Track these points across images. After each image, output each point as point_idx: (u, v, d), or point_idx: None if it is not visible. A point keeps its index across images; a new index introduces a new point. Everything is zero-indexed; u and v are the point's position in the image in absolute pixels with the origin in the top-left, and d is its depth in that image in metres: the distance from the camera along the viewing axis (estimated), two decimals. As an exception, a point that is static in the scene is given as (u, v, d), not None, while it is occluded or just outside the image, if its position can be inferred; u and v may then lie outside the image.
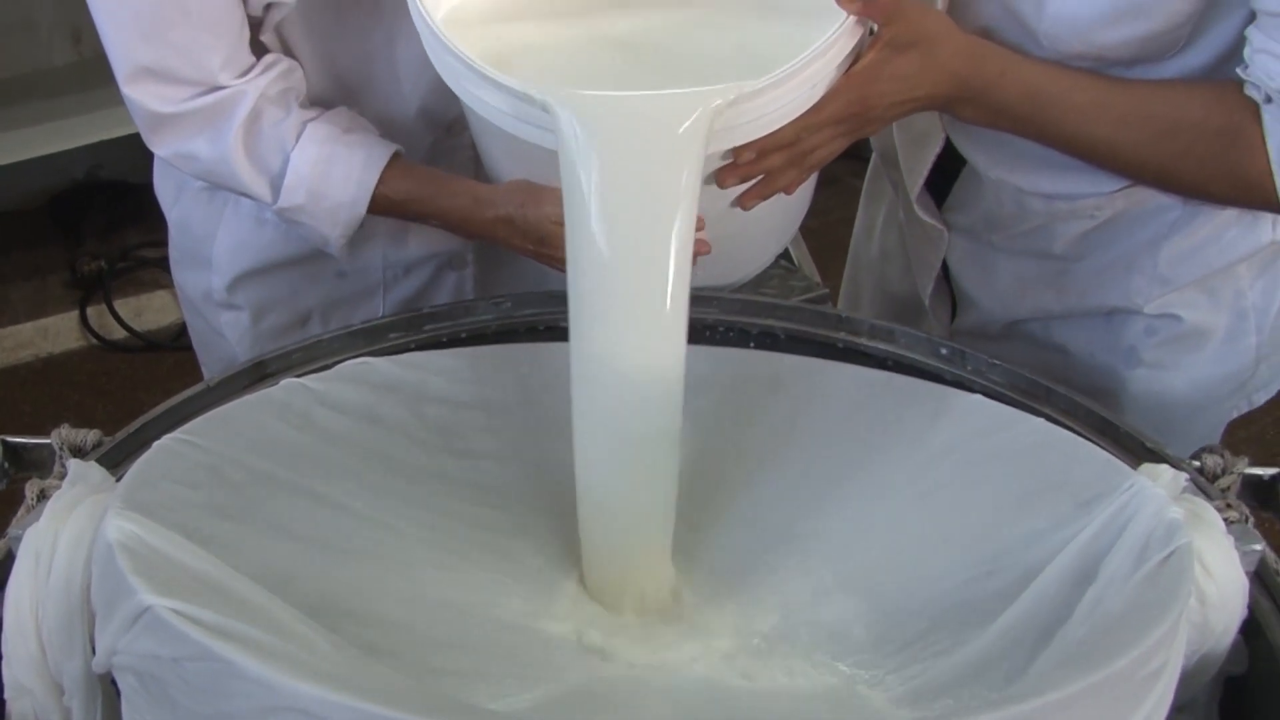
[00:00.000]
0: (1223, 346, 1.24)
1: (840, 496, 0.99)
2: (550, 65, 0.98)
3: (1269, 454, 2.67)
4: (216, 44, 1.10)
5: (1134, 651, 0.64)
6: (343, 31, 1.18)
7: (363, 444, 0.98)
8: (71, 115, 2.86)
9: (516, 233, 1.13)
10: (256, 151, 1.14)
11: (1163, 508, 0.79)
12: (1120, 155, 1.08)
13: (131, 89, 1.10)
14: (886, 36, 0.99)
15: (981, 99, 1.06)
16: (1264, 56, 0.99)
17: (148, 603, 0.67)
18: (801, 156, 1.01)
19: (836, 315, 1.18)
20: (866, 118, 1.02)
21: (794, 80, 0.91)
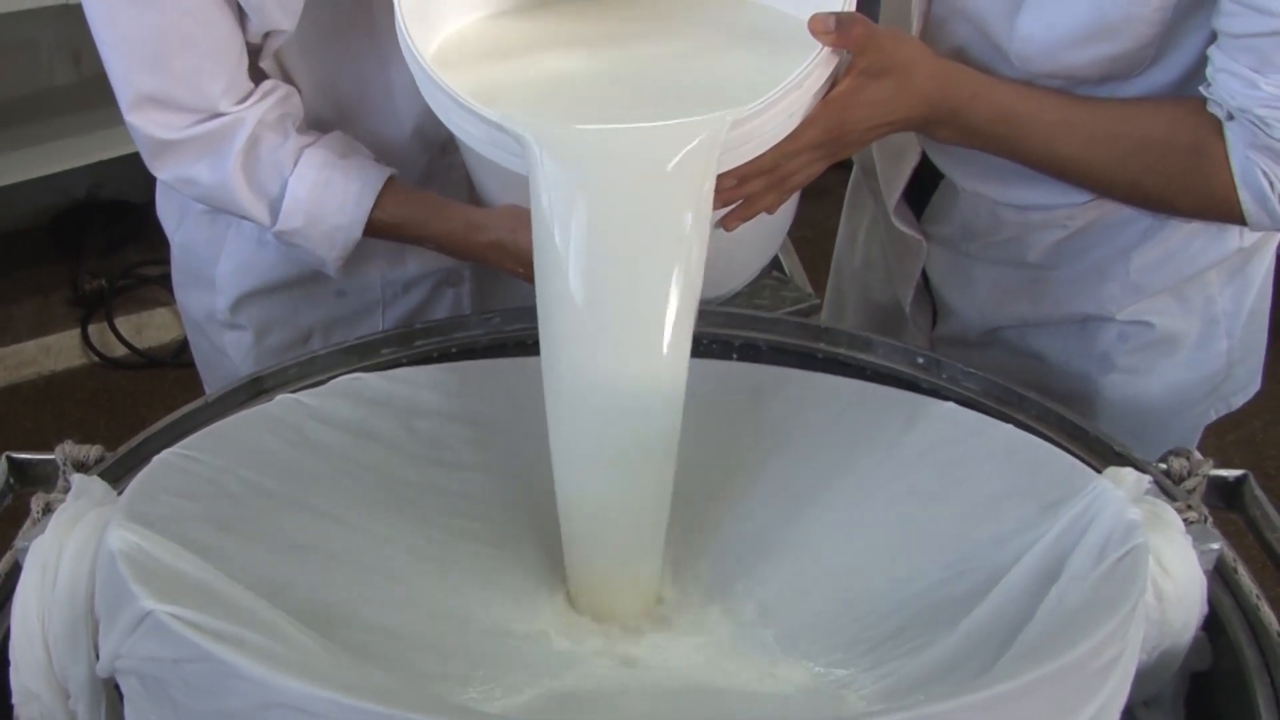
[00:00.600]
0: (1194, 351, 1.27)
1: (817, 502, 1.01)
2: (535, 97, 0.99)
3: (1257, 456, 2.72)
4: (217, 71, 1.12)
5: (1085, 645, 0.67)
6: (339, 55, 1.21)
7: (355, 457, 1.00)
8: (72, 135, 2.87)
9: (508, 256, 1.15)
10: (255, 176, 1.16)
11: (1122, 509, 0.82)
12: (1090, 172, 1.11)
13: (134, 116, 1.12)
14: (861, 65, 1.01)
15: (955, 121, 1.09)
16: (1225, 75, 1.01)
17: (149, 608, 0.70)
18: (781, 180, 1.03)
19: (816, 327, 1.21)
20: (844, 142, 1.04)
21: (771, 111, 0.93)
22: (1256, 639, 0.88)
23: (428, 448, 1.05)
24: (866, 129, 1.05)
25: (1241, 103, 1.01)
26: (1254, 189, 1.04)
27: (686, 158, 0.87)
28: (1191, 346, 1.27)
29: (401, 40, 0.97)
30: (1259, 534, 0.99)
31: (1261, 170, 1.03)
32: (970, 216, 1.25)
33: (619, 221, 0.88)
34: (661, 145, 0.88)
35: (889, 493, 0.99)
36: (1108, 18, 1.02)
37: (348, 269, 1.26)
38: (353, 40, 1.20)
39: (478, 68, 1.02)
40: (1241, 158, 1.03)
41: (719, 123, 0.88)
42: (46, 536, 0.81)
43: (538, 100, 0.98)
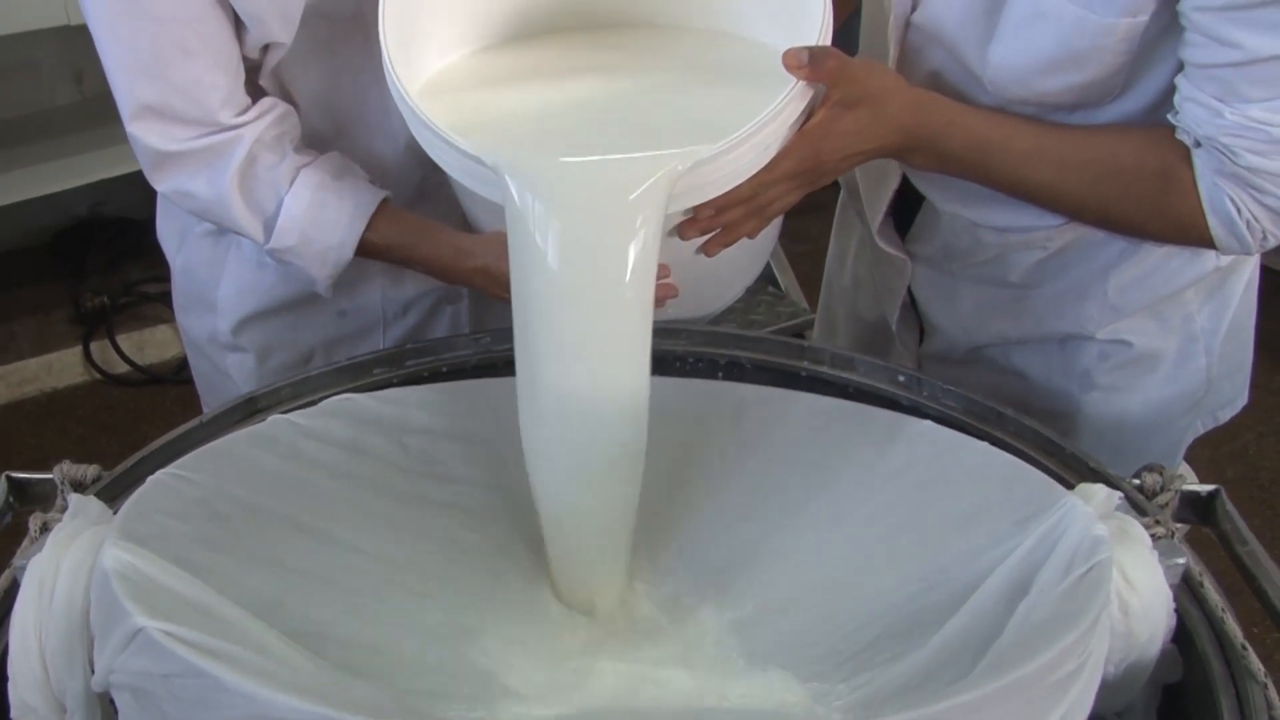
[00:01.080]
0: (1174, 369, 1.29)
1: (795, 518, 1.03)
2: (512, 130, 1.01)
3: (1251, 468, 2.73)
4: (216, 83, 1.14)
5: (1042, 658, 0.69)
6: (336, 70, 1.23)
7: (347, 475, 1.02)
8: (74, 154, 2.89)
9: (493, 282, 1.18)
10: (252, 194, 1.18)
11: (1089, 525, 0.84)
12: (1061, 198, 1.13)
13: (135, 127, 1.15)
14: (835, 96, 1.02)
15: (929, 148, 1.11)
16: (1191, 104, 1.03)
17: (140, 625, 0.72)
18: (760, 209, 1.05)
19: (800, 345, 1.22)
20: (820, 171, 1.05)
21: (747, 144, 0.95)
22: (1223, 651, 0.89)
23: (419, 463, 1.07)
24: (842, 158, 1.06)
25: (1207, 131, 1.03)
26: (1222, 215, 1.05)
27: (648, 189, 0.90)
28: (1171, 364, 1.28)
29: (386, 73, 1.00)
30: (1230, 548, 1.01)
31: (1229, 196, 1.04)
32: (951, 238, 1.27)
33: (584, 248, 0.92)
34: (627, 177, 0.91)
35: (866, 508, 1.01)
36: (1076, 47, 1.04)
37: (348, 290, 1.28)
38: (349, 55, 1.22)
39: (461, 101, 1.05)
40: (1209, 184, 1.05)
41: (686, 157, 0.91)
42: (44, 555, 0.83)
43: (515, 134, 1.00)
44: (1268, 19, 0.96)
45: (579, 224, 0.91)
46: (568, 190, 0.92)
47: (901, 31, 1.17)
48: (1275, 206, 1.04)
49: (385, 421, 1.07)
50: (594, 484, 0.97)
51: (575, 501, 0.97)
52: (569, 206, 0.91)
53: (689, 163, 0.91)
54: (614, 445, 0.96)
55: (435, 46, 1.11)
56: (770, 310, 2.75)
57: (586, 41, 1.16)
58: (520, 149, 0.95)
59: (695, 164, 0.91)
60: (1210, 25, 0.99)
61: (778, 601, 0.98)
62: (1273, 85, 0.99)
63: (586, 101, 1.05)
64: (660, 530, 1.03)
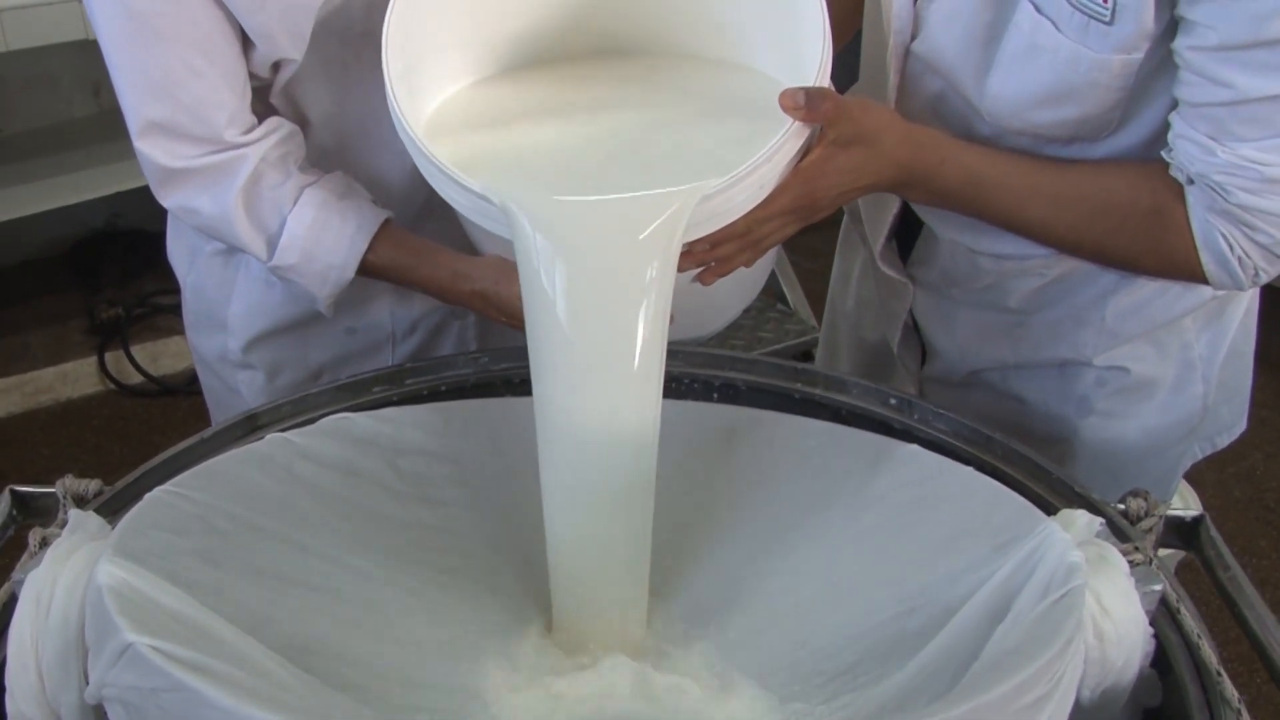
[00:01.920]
0: (1170, 395, 1.29)
1: (782, 540, 1.04)
2: (519, 166, 1.02)
3: (1257, 488, 2.73)
4: (223, 102, 1.16)
5: (1011, 682, 0.70)
6: (346, 87, 1.25)
7: (341, 495, 1.04)
8: (92, 166, 2.92)
9: (491, 306, 1.21)
10: (256, 212, 1.20)
11: (1065, 551, 0.85)
12: (1055, 233, 1.14)
13: (142, 143, 1.17)
14: (831, 135, 1.03)
15: (924, 185, 1.12)
16: (1184, 142, 1.04)
17: (130, 640, 0.74)
18: (754, 243, 1.06)
19: (793, 367, 1.24)
20: (816, 207, 1.06)
21: (741, 184, 0.96)
22: (1200, 676, 0.90)
23: (411, 485, 1.08)
24: (837, 194, 1.07)
25: (1200, 169, 1.03)
26: (1214, 251, 1.06)
27: (658, 228, 0.91)
28: (1168, 390, 1.29)
29: (391, 108, 1.00)
30: (1212, 573, 1.02)
31: (1221, 234, 1.05)
32: (950, 263, 1.28)
33: (595, 284, 0.93)
34: (634, 217, 0.92)
35: (851, 531, 1.02)
36: (1071, 82, 1.05)
37: (357, 308, 1.30)
38: (359, 72, 1.23)
39: (467, 135, 1.06)
40: (1201, 221, 1.06)
41: (690, 195, 0.92)
42: (41, 570, 0.85)
43: (521, 170, 1.01)
44: (1260, 60, 0.97)
45: (590, 265, 0.93)
46: (578, 230, 0.93)
47: (901, 59, 1.18)
48: (1267, 243, 1.05)
49: (380, 441, 1.09)
50: (608, 516, 0.99)
51: (588, 534, 0.99)
52: (579, 247, 0.93)
53: (696, 199, 0.92)
54: (628, 473, 0.97)
55: (439, 77, 1.12)
56: (778, 327, 2.77)
57: (587, 71, 1.18)
58: (526, 187, 0.96)
59: (692, 203, 0.93)
60: (1203, 64, 0.99)
61: (762, 622, 0.99)
62: (1265, 125, 1.00)
63: (589, 135, 1.06)
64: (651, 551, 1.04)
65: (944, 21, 1.12)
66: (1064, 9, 1.02)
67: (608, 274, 0.93)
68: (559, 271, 0.92)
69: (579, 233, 0.93)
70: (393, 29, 1.02)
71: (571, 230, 0.93)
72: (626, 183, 0.96)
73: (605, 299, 0.93)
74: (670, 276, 0.93)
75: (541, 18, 1.16)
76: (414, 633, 0.96)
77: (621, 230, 0.92)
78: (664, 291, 0.93)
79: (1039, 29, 1.04)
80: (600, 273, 0.93)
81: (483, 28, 1.13)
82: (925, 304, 1.36)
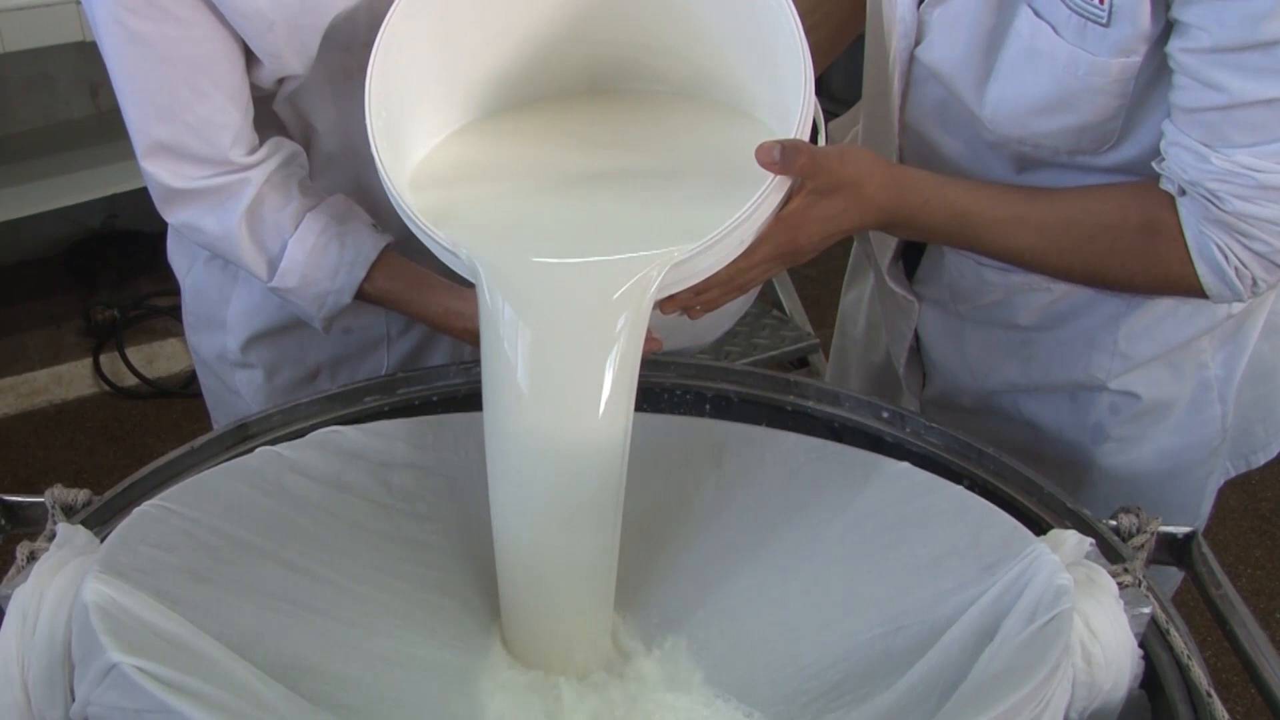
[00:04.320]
0: (1187, 417, 1.27)
1: (770, 557, 1.04)
2: (492, 221, 1.02)
3: (1253, 498, 2.75)
4: (227, 123, 1.17)
5: (999, 708, 0.70)
6: (351, 97, 1.24)
7: (330, 510, 1.04)
8: (88, 167, 2.94)
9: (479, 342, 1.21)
10: (259, 234, 1.21)
11: (1054, 574, 0.85)
12: (1047, 261, 1.13)
13: (148, 164, 1.17)
14: (810, 185, 1.02)
15: (909, 225, 1.12)
16: (1177, 149, 1.03)
17: (114, 660, 0.74)
18: (738, 287, 1.06)
19: (785, 379, 1.23)
20: (798, 253, 1.06)
21: (720, 245, 0.95)
22: (1190, 696, 0.90)
23: (401, 500, 1.08)
24: (820, 239, 1.07)
25: (1193, 176, 1.02)
26: (1210, 262, 1.05)
27: (627, 291, 0.91)
28: (1183, 412, 1.27)
29: (376, 159, 1.00)
30: (1204, 590, 1.01)
31: (1215, 244, 1.04)
32: (957, 279, 1.27)
33: (560, 345, 0.93)
34: (603, 281, 0.92)
35: (838, 549, 1.02)
36: (1070, 88, 1.04)
37: (353, 308, 1.30)
38: (362, 81, 1.21)
39: (450, 184, 1.06)
40: (1195, 232, 1.05)
41: (662, 260, 0.92)
42: (28, 585, 0.85)
43: (494, 226, 1.01)
44: (1254, 63, 0.96)
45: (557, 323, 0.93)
46: (544, 293, 0.93)
47: (906, 65, 1.17)
48: (1263, 251, 1.04)
49: (370, 455, 1.09)
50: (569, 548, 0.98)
51: (549, 563, 0.98)
52: (544, 309, 0.93)
53: (666, 267, 0.92)
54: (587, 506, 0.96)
55: (423, 125, 1.12)
56: (775, 334, 2.77)
57: (570, 116, 1.17)
58: (494, 245, 0.96)
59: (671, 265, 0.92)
60: (1196, 68, 0.99)
61: (747, 640, 0.99)
62: (1259, 130, 0.99)
63: (564, 191, 1.06)
64: (633, 566, 1.04)
65: (947, 27, 1.11)
66: (1062, 12, 1.02)
67: (573, 338, 0.93)
68: (521, 335, 0.92)
69: (544, 295, 0.93)
70: (374, 81, 1.02)
71: (536, 292, 0.93)
72: (599, 243, 0.96)
73: (568, 363, 0.93)
74: (640, 332, 0.92)
75: (518, 63, 1.15)
76: (402, 651, 0.96)
77: (589, 293, 0.92)
78: (633, 347, 0.92)
79: (1038, 33, 1.04)
80: (566, 337, 0.93)
81: (460, 74, 1.13)
82: (933, 322, 1.35)
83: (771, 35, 1.01)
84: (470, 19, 1.09)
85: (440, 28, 1.07)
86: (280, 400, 1.37)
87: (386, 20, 1.04)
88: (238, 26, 1.13)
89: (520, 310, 0.92)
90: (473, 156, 1.10)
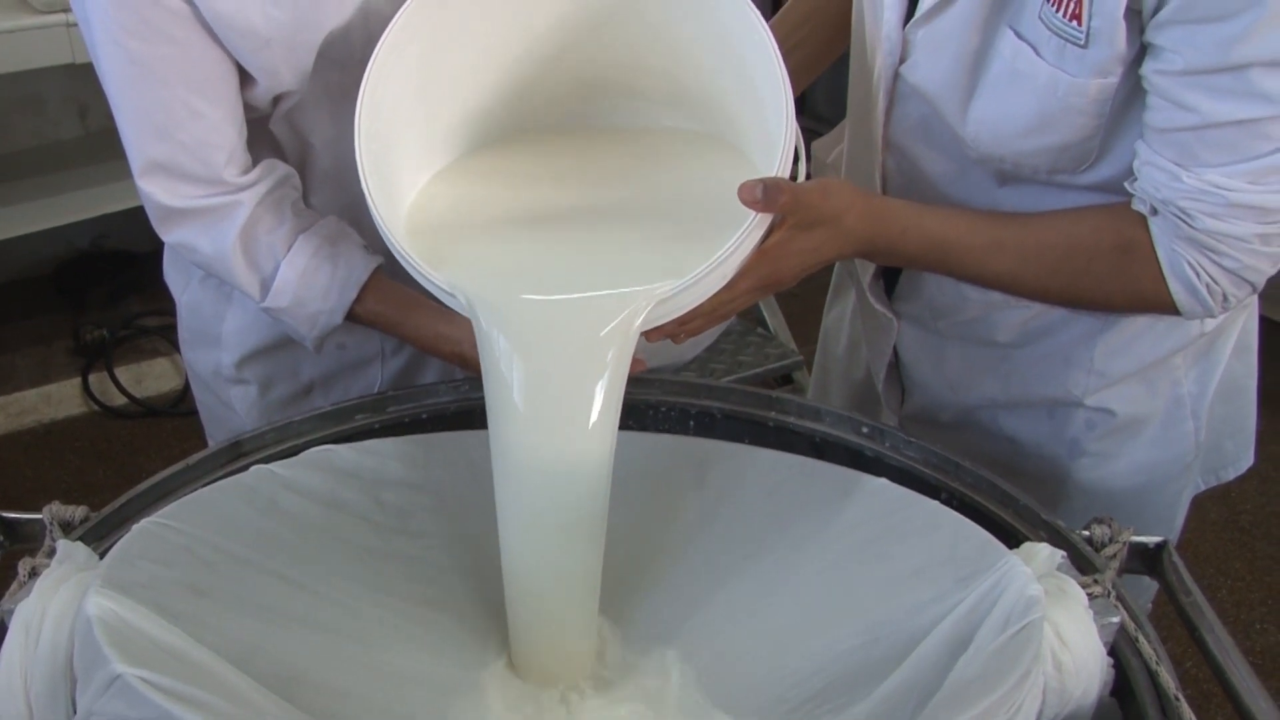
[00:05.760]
0: (1160, 432, 1.29)
1: (752, 571, 1.07)
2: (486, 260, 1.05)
3: (1233, 510, 2.78)
4: (223, 143, 1.19)
5: (968, 714, 0.73)
6: (347, 113, 1.21)
7: (324, 527, 1.06)
8: (78, 188, 2.95)
9: (468, 365, 1.24)
10: (252, 255, 1.23)
11: (1026, 585, 0.87)
12: (1024, 284, 1.16)
13: (144, 182, 1.19)
14: (792, 221, 1.04)
15: (888, 253, 1.15)
16: (1149, 168, 1.05)
17: (118, 671, 0.77)
18: (720, 317, 1.09)
19: (768, 396, 1.26)
20: (779, 283, 1.09)
21: (703, 282, 0.97)
22: (1160, 702, 0.93)
23: (393, 517, 1.10)
24: (801, 270, 1.09)
25: (1165, 195, 1.05)
26: (1182, 280, 1.07)
27: (614, 328, 0.95)
28: (1157, 428, 1.29)
29: (368, 199, 1.02)
30: (1174, 598, 1.04)
31: (1187, 261, 1.06)
32: (936, 294, 1.29)
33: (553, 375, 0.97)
34: (591, 317, 0.96)
35: (817, 563, 1.05)
36: (1050, 108, 1.07)
37: (348, 324, 1.32)
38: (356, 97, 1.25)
39: (442, 224, 1.08)
40: (1168, 251, 1.07)
41: (646, 296, 0.96)
42: (31, 600, 0.87)
43: (487, 266, 1.04)
44: (1224, 85, 0.98)
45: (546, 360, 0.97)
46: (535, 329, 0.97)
47: (890, 82, 1.19)
48: (1233, 268, 1.06)
49: (363, 474, 1.11)
50: (560, 556, 1.01)
51: (541, 571, 1.01)
52: (536, 343, 0.97)
53: (652, 303, 0.95)
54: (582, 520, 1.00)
55: (414, 161, 1.13)
56: (759, 351, 2.80)
57: (559, 149, 1.19)
58: (487, 285, 0.99)
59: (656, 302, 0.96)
60: (1169, 89, 1.01)
61: (729, 651, 1.01)
62: (1229, 150, 1.01)
63: (556, 227, 1.08)
64: (622, 581, 1.07)
65: (932, 47, 1.13)
66: (1042, 34, 1.04)
67: (564, 368, 0.97)
68: (517, 366, 0.96)
69: (536, 331, 0.97)
70: (364, 117, 1.04)
71: (528, 328, 0.97)
72: (587, 280, 1.00)
73: (561, 389, 0.97)
74: (626, 361, 0.96)
75: (503, 95, 1.17)
76: (396, 664, 0.98)
77: (578, 329, 0.96)
78: (619, 374, 0.96)
79: (1019, 54, 1.06)
80: (557, 367, 0.97)
81: (446, 110, 1.15)
82: (912, 339, 1.36)
83: (753, 65, 1.03)
84: (455, 53, 1.11)
85: (425, 64, 1.09)
86: (274, 415, 1.40)
87: (372, 60, 1.05)
88: (232, 45, 1.14)
89: (515, 345, 0.96)
90: (463, 195, 1.13)
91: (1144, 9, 0.99)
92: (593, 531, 0.99)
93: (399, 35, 1.06)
